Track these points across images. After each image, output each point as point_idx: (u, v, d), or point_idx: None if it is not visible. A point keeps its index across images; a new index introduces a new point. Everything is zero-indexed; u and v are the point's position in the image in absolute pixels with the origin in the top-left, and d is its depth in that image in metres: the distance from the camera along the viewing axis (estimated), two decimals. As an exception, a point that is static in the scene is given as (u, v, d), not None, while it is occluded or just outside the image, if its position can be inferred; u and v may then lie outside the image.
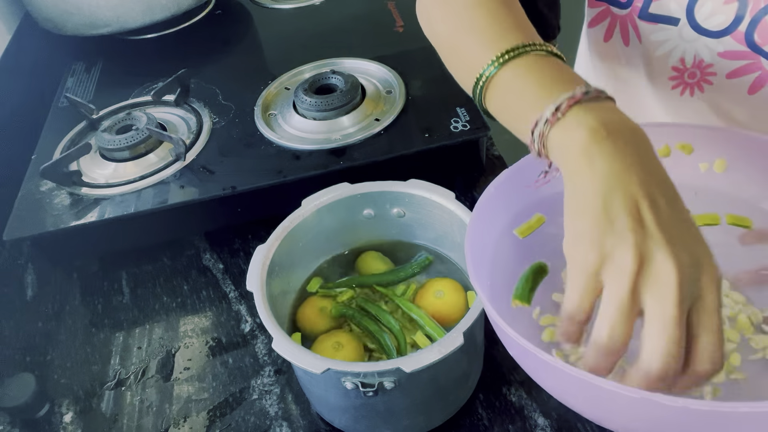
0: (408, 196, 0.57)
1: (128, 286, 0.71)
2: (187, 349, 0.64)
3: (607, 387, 0.29)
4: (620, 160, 0.31)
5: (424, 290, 0.57)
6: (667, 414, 0.29)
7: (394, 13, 0.98)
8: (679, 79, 0.55)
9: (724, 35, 0.50)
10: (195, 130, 0.79)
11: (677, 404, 0.28)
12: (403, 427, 0.53)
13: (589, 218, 0.31)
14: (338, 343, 0.53)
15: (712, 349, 0.29)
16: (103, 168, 0.75)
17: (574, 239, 0.32)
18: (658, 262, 0.29)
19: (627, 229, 0.30)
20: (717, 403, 0.27)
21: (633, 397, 0.29)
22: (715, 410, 0.27)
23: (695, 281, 0.29)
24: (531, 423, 0.53)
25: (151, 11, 0.96)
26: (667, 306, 0.29)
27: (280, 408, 0.57)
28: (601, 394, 0.30)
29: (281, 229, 0.55)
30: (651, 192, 0.30)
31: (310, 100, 0.76)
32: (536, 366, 0.36)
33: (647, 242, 0.29)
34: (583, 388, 0.31)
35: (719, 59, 0.51)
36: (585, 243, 0.31)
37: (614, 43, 0.59)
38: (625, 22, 0.56)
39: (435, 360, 0.43)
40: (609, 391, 0.29)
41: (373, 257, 0.61)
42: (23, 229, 0.68)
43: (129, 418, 0.58)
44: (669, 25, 0.53)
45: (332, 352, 0.52)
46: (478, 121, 0.73)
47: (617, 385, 0.29)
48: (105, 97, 0.88)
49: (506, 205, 0.46)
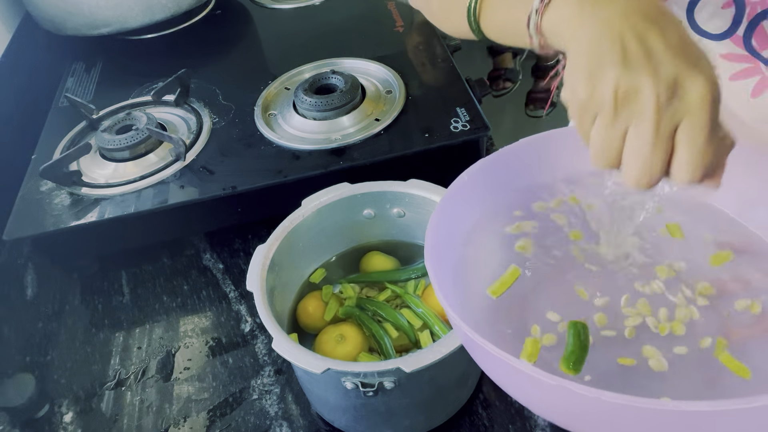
0: (408, 196, 0.57)
1: (128, 286, 0.71)
2: (187, 349, 0.64)
3: (528, 372, 0.31)
4: (610, 8, 0.34)
5: (430, 290, 0.57)
6: (582, 403, 0.30)
7: (394, 13, 0.98)
8: None
9: (724, 38, 0.50)
10: (195, 130, 0.79)
11: (591, 394, 0.29)
12: (403, 427, 0.53)
13: (582, 62, 0.34)
14: (341, 335, 0.53)
15: (687, 163, 0.32)
16: (103, 168, 0.75)
17: (568, 83, 0.35)
18: (636, 87, 0.32)
19: (612, 63, 0.32)
20: (628, 397, 0.28)
21: (550, 383, 0.30)
22: (628, 404, 0.28)
23: (681, 98, 0.31)
24: (531, 423, 0.53)
25: (151, 11, 0.96)
26: (643, 127, 0.32)
27: (280, 408, 0.57)
28: (523, 379, 0.32)
29: (281, 229, 0.55)
30: (637, 25, 0.33)
31: (310, 100, 0.76)
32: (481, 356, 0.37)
33: (629, 71, 0.32)
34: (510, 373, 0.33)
35: (722, 61, 0.51)
36: (576, 82, 0.34)
37: None
38: None
39: (435, 360, 0.43)
40: (529, 376, 0.31)
41: (379, 255, 0.61)
42: (23, 229, 0.68)
43: (129, 418, 0.58)
44: None
45: (334, 345, 0.52)
46: (478, 121, 0.73)
47: (536, 370, 0.31)
48: (105, 97, 0.88)
49: (480, 197, 0.47)
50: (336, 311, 0.57)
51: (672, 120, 0.32)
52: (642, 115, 0.32)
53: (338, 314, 0.57)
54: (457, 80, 0.80)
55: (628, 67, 0.32)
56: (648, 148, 0.32)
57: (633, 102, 0.32)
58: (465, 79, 0.80)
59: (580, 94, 0.34)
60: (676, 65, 0.32)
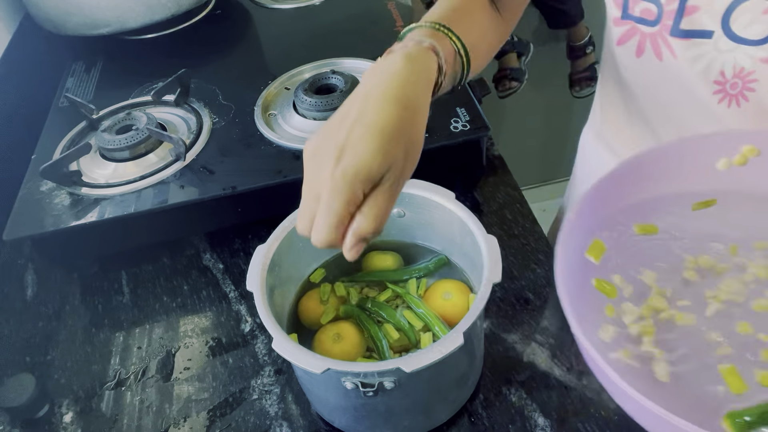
0: (408, 196, 0.57)
1: (128, 286, 0.71)
2: (187, 349, 0.64)
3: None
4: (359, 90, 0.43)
5: (431, 292, 0.57)
6: None
7: (394, 13, 0.98)
8: (723, 92, 0.54)
9: (765, 42, 0.49)
10: (195, 130, 0.79)
11: None
12: (403, 427, 0.53)
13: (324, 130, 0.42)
14: (338, 335, 0.53)
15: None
16: (103, 168, 0.75)
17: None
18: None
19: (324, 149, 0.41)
20: None
21: None
22: None
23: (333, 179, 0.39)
24: (531, 423, 0.53)
25: (151, 11, 0.96)
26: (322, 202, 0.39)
27: (280, 408, 0.57)
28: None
29: (281, 229, 0.55)
30: (345, 125, 0.40)
31: (310, 100, 0.76)
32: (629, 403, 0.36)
33: (323, 160, 0.40)
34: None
35: (762, 65, 0.51)
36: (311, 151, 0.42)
37: (647, 59, 0.58)
38: (656, 38, 0.55)
39: (435, 360, 0.43)
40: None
41: (382, 254, 0.61)
42: (23, 229, 0.68)
43: (129, 418, 0.58)
44: (703, 39, 0.52)
45: (332, 344, 0.52)
46: (478, 121, 0.73)
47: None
48: (105, 97, 0.88)
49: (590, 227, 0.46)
50: (336, 310, 0.57)
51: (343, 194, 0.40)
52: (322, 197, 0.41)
53: (339, 314, 0.57)
54: (457, 80, 0.80)
55: (327, 157, 0.40)
56: (321, 219, 0.40)
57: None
58: (465, 79, 0.80)
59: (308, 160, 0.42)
60: (352, 154, 0.39)
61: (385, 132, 0.40)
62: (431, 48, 0.46)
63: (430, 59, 0.46)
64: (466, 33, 0.50)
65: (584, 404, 0.54)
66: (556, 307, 0.62)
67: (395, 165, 0.40)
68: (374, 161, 0.39)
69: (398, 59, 0.44)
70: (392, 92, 0.42)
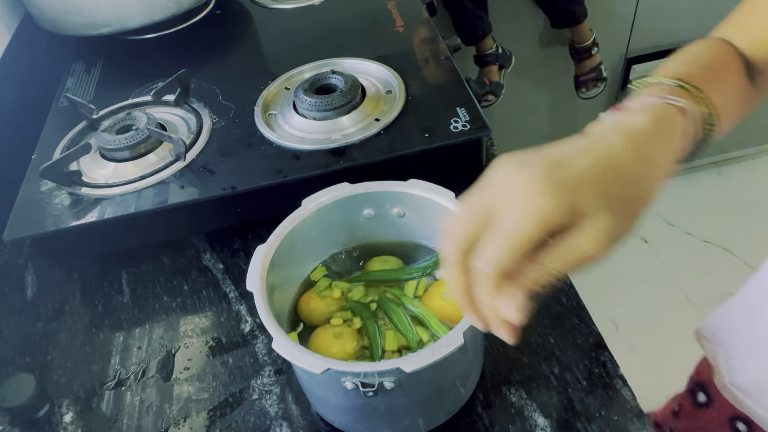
0: (408, 196, 0.57)
1: (128, 286, 0.71)
2: (187, 349, 0.64)
3: None
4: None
5: (431, 291, 0.57)
6: None
7: (394, 13, 0.98)
8: None
9: None
10: (195, 130, 0.79)
11: None
12: (403, 427, 0.53)
13: None
14: (336, 333, 0.53)
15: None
16: (103, 168, 0.75)
17: None
18: None
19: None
20: None
21: None
22: None
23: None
24: (531, 423, 0.53)
25: (151, 11, 0.96)
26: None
27: (280, 408, 0.57)
28: None
29: (281, 229, 0.55)
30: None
31: (310, 100, 0.76)
32: None
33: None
34: None
35: None
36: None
37: None
38: None
39: (435, 360, 0.43)
40: None
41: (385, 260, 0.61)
42: (23, 229, 0.68)
43: (129, 418, 0.58)
44: None
45: (331, 340, 0.52)
46: (478, 121, 0.73)
47: None
48: (105, 97, 0.88)
49: None
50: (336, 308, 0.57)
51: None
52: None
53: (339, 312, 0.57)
54: (457, 80, 0.80)
55: None
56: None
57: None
58: (465, 79, 0.80)
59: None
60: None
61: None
62: (682, 110, 0.38)
63: (677, 121, 0.39)
64: (715, 98, 0.42)
65: (584, 404, 0.54)
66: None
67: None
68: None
69: (642, 117, 0.37)
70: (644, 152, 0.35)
